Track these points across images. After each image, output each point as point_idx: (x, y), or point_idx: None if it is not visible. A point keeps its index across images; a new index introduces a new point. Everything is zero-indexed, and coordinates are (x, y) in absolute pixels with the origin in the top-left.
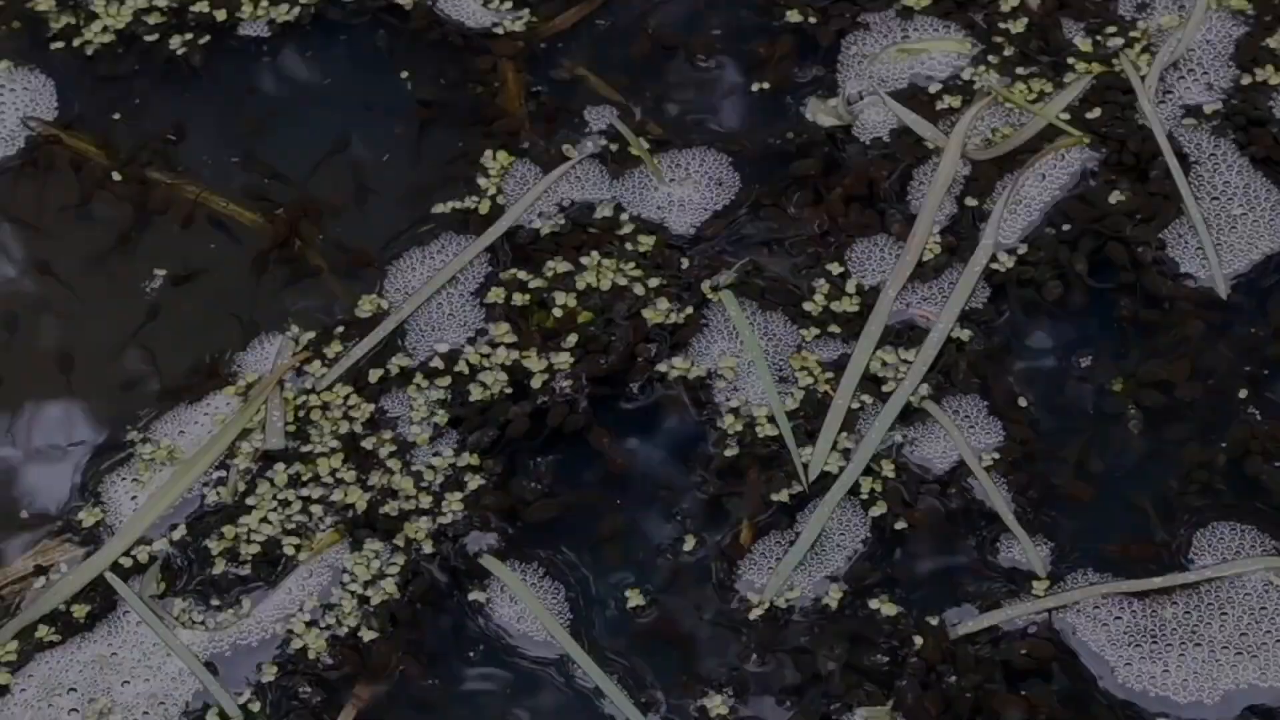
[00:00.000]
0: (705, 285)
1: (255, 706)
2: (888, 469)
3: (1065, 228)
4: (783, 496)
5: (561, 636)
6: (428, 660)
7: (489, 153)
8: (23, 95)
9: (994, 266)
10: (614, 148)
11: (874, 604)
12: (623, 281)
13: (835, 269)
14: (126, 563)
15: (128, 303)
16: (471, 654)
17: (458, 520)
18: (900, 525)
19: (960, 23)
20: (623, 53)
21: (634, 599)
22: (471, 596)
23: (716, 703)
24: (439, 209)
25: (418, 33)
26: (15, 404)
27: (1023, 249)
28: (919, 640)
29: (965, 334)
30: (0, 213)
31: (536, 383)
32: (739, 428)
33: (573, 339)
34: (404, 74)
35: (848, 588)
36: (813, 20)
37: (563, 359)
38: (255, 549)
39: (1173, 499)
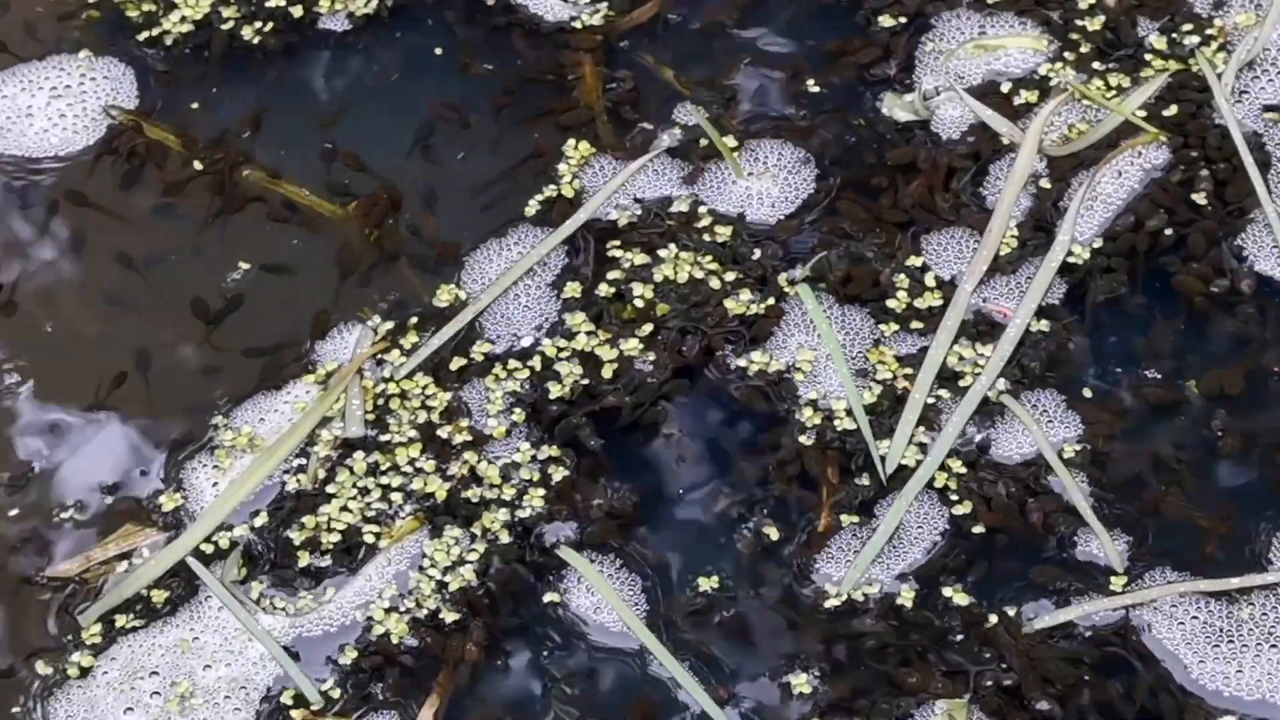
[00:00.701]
0: (782, 278)
1: (336, 692)
2: (965, 463)
3: (1142, 224)
4: (860, 490)
5: (637, 627)
6: (504, 648)
7: (571, 142)
8: (103, 84)
9: (1071, 261)
10: (702, 142)
11: (948, 593)
12: (700, 274)
13: (914, 262)
14: (208, 548)
15: (208, 290)
16: (548, 643)
17: (536, 511)
18: (976, 518)
19: (1037, 19)
20: (698, 47)
21: (709, 589)
22: (547, 598)
23: (801, 680)
24: (529, 210)
25: (495, 26)
26: (97, 389)
27: (1099, 244)
28: (995, 633)
29: (1042, 328)
30: (80, 201)
31: (607, 372)
32: (816, 421)
33: (648, 329)
34: (481, 66)
35: (924, 580)
36: (903, 20)
37: (638, 347)
38: (336, 537)
39: (1254, 499)
